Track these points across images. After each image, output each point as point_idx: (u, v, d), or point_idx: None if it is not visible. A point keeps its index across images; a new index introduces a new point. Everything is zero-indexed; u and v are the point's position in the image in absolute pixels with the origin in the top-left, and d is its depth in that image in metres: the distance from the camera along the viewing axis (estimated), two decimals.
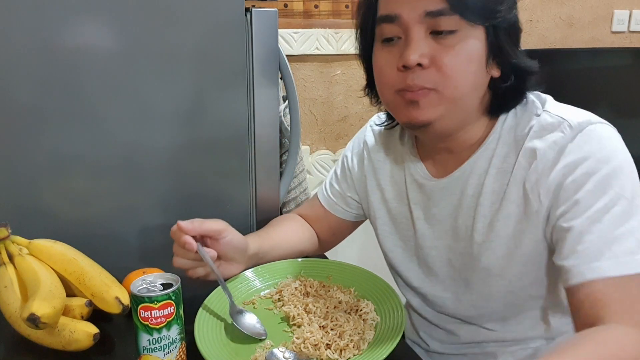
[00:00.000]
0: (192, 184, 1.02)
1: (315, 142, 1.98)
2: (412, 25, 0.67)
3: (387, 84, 0.72)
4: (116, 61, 0.92)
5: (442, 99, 0.69)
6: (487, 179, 0.74)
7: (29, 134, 0.90)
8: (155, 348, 0.63)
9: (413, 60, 0.67)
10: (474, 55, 0.68)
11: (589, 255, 0.62)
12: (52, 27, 0.88)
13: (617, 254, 0.61)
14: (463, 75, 0.68)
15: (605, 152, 0.65)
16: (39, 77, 0.89)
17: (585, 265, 0.62)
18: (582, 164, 0.65)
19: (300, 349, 0.67)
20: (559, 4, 2.22)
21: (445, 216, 0.80)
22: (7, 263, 0.75)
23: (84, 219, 0.97)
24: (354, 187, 0.94)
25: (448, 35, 0.67)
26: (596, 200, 0.63)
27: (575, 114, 0.70)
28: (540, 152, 0.68)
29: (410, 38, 0.68)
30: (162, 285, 0.65)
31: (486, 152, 0.74)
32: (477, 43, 0.68)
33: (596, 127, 0.67)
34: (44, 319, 0.64)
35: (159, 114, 0.97)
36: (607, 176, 0.64)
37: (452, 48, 0.67)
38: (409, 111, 0.70)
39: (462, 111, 0.71)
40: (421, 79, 0.68)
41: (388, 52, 0.71)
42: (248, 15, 0.97)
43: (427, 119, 0.70)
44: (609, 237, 0.62)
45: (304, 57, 1.82)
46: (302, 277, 0.84)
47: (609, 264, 0.61)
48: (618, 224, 0.62)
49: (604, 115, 0.71)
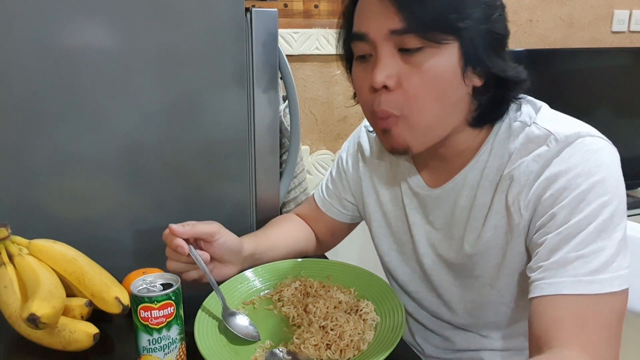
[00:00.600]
0: (192, 184, 1.02)
1: (315, 142, 1.98)
2: (379, 44, 0.65)
3: (364, 102, 0.72)
4: (116, 61, 0.92)
5: (411, 126, 0.67)
6: (478, 191, 0.73)
7: (29, 133, 0.90)
8: (155, 348, 0.63)
9: (379, 81, 0.65)
10: (444, 72, 0.65)
11: (552, 271, 0.61)
12: (52, 27, 0.87)
13: (579, 272, 0.59)
14: (429, 99, 0.66)
15: (588, 165, 0.63)
16: (38, 77, 0.89)
17: (546, 281, 0.61)
18: (562, 178, 0.64)
19: (300, 349, 0.67)
20: (559, 4, 2.22)
21: (440, 225, 0.80)
22: (7, 263, 0.75)
23: (84, 219, 0.97)
24: (349, 188, 0.94)
25: (415, 52, 0.64)
26: (571, 217, 0.62)
27: (564, 126, 0.67)
28: (524, 165, 0.67)
29: (378, 57, 0.66)
30: (162, 285, 0.65)
31: (478, 164, 0.73)
32: (448, 58, 0.64)
33: (584, 140, 0.65)
34: (43, 319, 0.64)
35: (159, 114, 0.97)
36: (585, 192, 0.62)
37: (419, 67, 0.64)
38: (385, 138, 0.71)
39: (440, 130, 0.69)
40: (387, 103, 0.66)
41: (363, 69, 0.70)
42: (248, 15, 0.97)
43: (402, 147, 0.69)
44: (575, 255, 0.60)
45: (304, 57, 1.82)
46: (302, 277, 0.84)
47: (568, 282, 0.59)
48: (588, 242, 0.60)
49: (604, 115, 0.70)
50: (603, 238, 0.61)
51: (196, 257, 0.76)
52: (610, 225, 0.61)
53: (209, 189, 1.03)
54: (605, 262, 0.60)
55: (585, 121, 0.70)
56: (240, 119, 1.00)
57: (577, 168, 0.63)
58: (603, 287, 0.59)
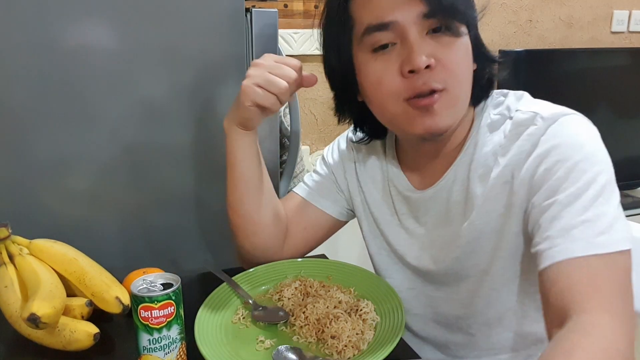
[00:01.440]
0: (193, 183, 1.02)
1: (315, 142, 1.98)
2: (410, 28, 0.67)
3: (393, 93, 0.70)
4: (116, 62, 0.92)
5: (452, 99, 0.69)
6: (470, 184, 0.74)
7: (29, 134, 0.91)
8: (156, 348, 0.63)
9: (421, 61, 0.66)
10: (467, 50, 0.71)
11: (559, 238, 0.61)
12: (52, 26, 0.88)
13: (587, 235, 0.60)
14: (466, 71, 0.70)
15: (577, 139, 0.66)
16: (38, 77, 0.89)
17: (555, 248, 0.61)
18: (553, 152, 0.66)
19: (300, 349, 0.67)
20: (559, 4, 2.22)
21: (433, 225, 0.80)
22: (7, 263, 0.75)
23: (84, 219, 0.97)
24: (336, 184, 0.92)
25: (445, 32, 0.68)
26: (568, 186, 0.63)
27: (548, 107, 0.71)
28: (515, 147, 0.70)
29: (412, 41, 0.67)
30: (162, 285, 0.65)
31: (465, 158, 0.75)
32: (467, 38, 0.70)
33: (568, 117, 0.68)
34: (44, 318, 0.64)
35: (159, 114, 0.97)
36: (579, 162, 0.64)
37: (452, 45, 0.68)
38: (424, 120, 0.69)
39: (464, 109, 0.73)
40: (432, 79, 0.67)
41: (385, 60, 0.69)
42: (248, 15, 0.97)
43: (444, 126, 0.70)
44: (579, 220, 0.61)
45: (304, 57, 1.82)
46: (302, 277, 0.84)
47: (577, 245, 0.60)
48: (589, 207, 0.61)
49: (604, 115, 0.72)
50: (602, 203, 0.62)
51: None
52: (607, 191, 0.63)
53: (209, 189, 1.04)
54: (610, 224, 0.61)
55: None
56: None
57: (568, 141, 0.66)
58: (612, 246, 0.59)
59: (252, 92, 0.74)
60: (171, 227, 1.04)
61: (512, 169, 0.70)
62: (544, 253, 0.62)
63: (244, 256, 0.89)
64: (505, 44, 2.16)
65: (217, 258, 1.07)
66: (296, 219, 0.92)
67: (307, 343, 0.70)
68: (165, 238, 1.04)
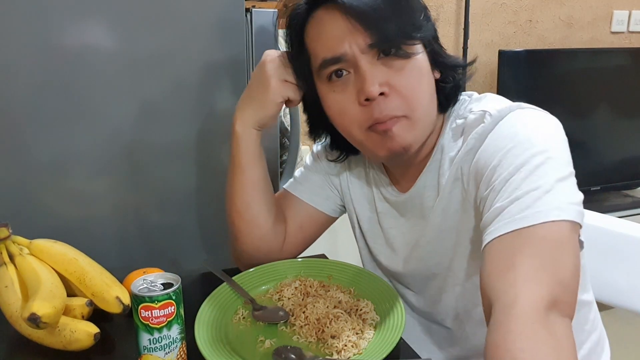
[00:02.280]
0: (192, 184, 1.03)
1: None
2: (359, 58, 0.67)
3: (354, 122, 0.71)
4: (117, 61, 0.92)
5: (412, 123, 0.70)
6: (440, 189, 0.75)
7: (29, 133, 0.91)
8: (156, 347, 0.63)
9: (375, 90, 0.66)
10: (423, 69, 0.70)
11: (490, 221, 0.60)
12: (53, 27, 0.88)
13: (512, 213, 0.58)
14: (422, 94, 0.70)
15: (514, 129, 0.65)
16: (38, 77, 0.89)
17: (486, 231, 0.60)
18: (491, 144, 0.66)
19: (300, 349, 0.67)
20: (559, 4, 2.22)
21: (408, 227, 0.82)
22: (7, 263, 0.75)
23: (84, 219, 0.97)
24: (331, 182, 0.92)
25: (395, 56, 0.68)
26: (501, 172, 0.62)
27: (499, 104, 0.70)
28: (465, 146, 0.71)
29: (363, 70, 0.67)
30: (162, 285, 0.65)
31: (433, 165, 0.76)
32: (421, 56, 0.70)
33: (515, 113, 0.68)
34: (44, 318, 0.65)
35: (159, 114, 0.97)
36: (511, 149, 0.63)
37: (404, 68, 0.68)
38: (385, 143, 0.70)
39: (429, 124, 0.73)
40: (388, 108, 0.68)
41: (342, 90, 0.70)
42: (248, 15, 0.98)
43: (406, 145, 0.70)
44: (509, 200, 0.60)
45: None
46: (302, 277, 0.84)
47: (502, 225, 0.58)
48: (518, 185, 0.60)
49: (604, 115, 0.71)
50: (535, 179, 0.59)
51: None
52: (541, 170, 0.60)
53: (209, 189, 1.04)
54: (538, 197, 0.58)
55: (585, 121, 0.72)
56: None
57: (504, 132, 0.66)
58: (534, 219, 0.56)
59: (283, 88, 0.77)
60: (171, 227, 1.04)
61: (461, 166, 0.71)
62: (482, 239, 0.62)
63: (243, 258, 0.89)
64: (505, 44, 2.17)
65: (217, 258, 1.07)
66: (292, 218, 0.91)
67: (307, 343, 0.70)
68: (165, 238, 1.04)
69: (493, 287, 0.56)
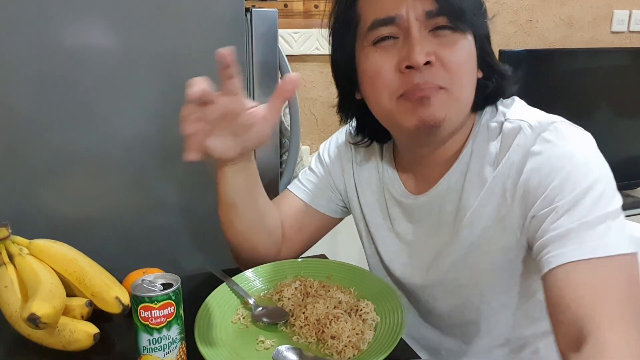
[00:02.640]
0: (193, 184, 1.02)
1: (315, 142, 1.98)
2: (413, 24, 0.66)
3: (388, 88, 0.69)
4: (117, 61, 0.92)
5: (451, 98, 0.68)
6: (463, 194, 0.73)
7: (29, 133, 0.91)
8: (156, 348, 0.63)
9: (421, 58, 0.65)
10: (472, 53, 0.69)
11: (555, 243, 0.61)
12: (53, 27, 0.88)
13: (584, 239, 0.59)
14: (468, 74, 0.69)
15: (568, 147, 0.64)
16: (39, 77, 0.89)
17: (552, 253, 0.61)
18: (546, 164, 0.65)
19: (300, 349, 0.67)
20: (559, 4, 2.22)
21: (423, 232, 0.79)
22: (7, 263, 0.75)
23: (84, 218, 0.97)
24: (333, 183, 0.91)
25: (448, 32, 0.67)
26: (565, 195, 0.62)
27: (537, 115, 0.70)
28: (506, 159, 0.68)
29: (413, 37, 0.66)
30: (162, 285, 0.65)
31: (460, 167, 0.74)
32: (470, 44, 0.69)
33: (557, 125, 0.67)
34: (44, 319, 0.64)
35: (159, 114, 0.97)
36: (571, 172, 0.63)
37: (454, 44, 0.67)
38: (419, 111, 0.67)
39: (464, 112, 0.71)
40: (431, 76, 0.66)
41: (384, 53, 0.69)
42: (248, 15, 0.98)
43: (440, 117, 0.67)
44: (577, 224, 0.60)
45: (304, 57, 1.83)
46: (302, 277, 0.84)
47: (573, 249, 0.59)
48: (585, 212, 0.61)
49: (604, 115, 0.71)
50: (600, 209, 0.61)
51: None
52: (605, 198, 0.62)
53: (209, 189, 1.03)
54: (608, 226, 0.60)
55: (585, 121, 0.71)
56: None
57: (558, 151, 0.64)
58: (610, 249, 0.58)
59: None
60: (171, 227, 1.04)
61: (503, 182, 0.68)
62: (542, 260, 0.62)
63: (241, 260, 0.89)
64: (505, 44, 2.16)
65: (217, 258, 1.07)
66: (291, 221, 0.91)
67: (307, 343, 0.70)
68: (165, 238, 1.04)
69: (584, 316, 0.57)
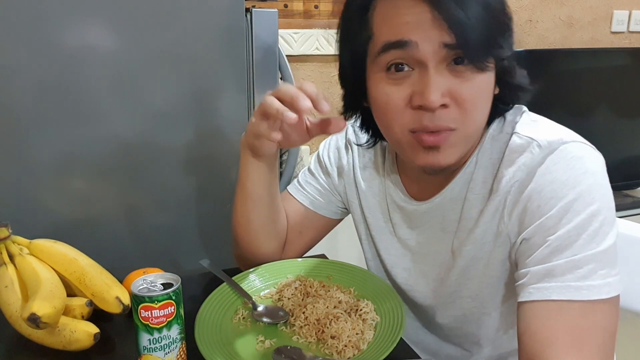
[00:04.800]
0: (192, 184, 1.03)
1: (315, 142, 1.98)
2: (429, 58, 0.61)
3: (397, 121, 0.66)
4: (117, 62, 0.92)
5: (461, 137, 0.65)
6: (466, 204, 0.72)
7: (29, 134, 0.91)
8: (156, 348, 0.63)
9: (436, 101, 0.60)
10: (487, 85, 0.65)
11: (540, 275, 0.61)
12: (53, 27, 0.88)
13: (568, 278, 0.59)
14: (482, 110, 0.65)
15: (573, 173, 0.62)
16: (39, 78, 0.89)
17: (534, 285, 0.60)
18: (548, 187, 0.62)
19: (300, 349, 0.67)
20: (559, 4, 2.22)
21: (426, 239, 0.79)
22: (7, 263, 0.75)
23: (84, 219, 0.97)
24: (332, 186, 0.91)
25: (468, 66, 0.61)
26: (560, 228, 0.61)
27: (547, 132, 0.66)
28: (509, 175, 0.66)
29: (429, 74, 0.61)
30: (162, 285, 0.65)
31: (464, 177, 0.72)
32: (492, 72, 0.64)
33: (567, 147, 0.63)
34: (44, 318, 0.64)
35: (160, 114, 0.97)
36: (572, 201, 0.61)
37: (472, 81, 0.62)
38: (427, 157, 0.65)
39: (475, 140, 0.69)
40: (442, 119, 0.62)
41: (397, 84, 0.64)
42: (248, 15, 0.98)
43: (448, 163, 0.66)
44: (563, 262, 0.60)
45: (304, 57, 1.82)
46: (302, 277, 0.84)
47: (556, 287, 0.59)
48: (577, 252, 0.60)
49: (604, 115, 0.70)
50: (593, 247, 0.60)
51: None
52: (600, 234, 0.60)
53: (209, 189, 1.04)
54: (593, 269, 0.59)
55: (584, 121, 0.70)
56: (241, 118, 1.00)
57: (562, 176, 0.62)
58: (592, 293, 0.58)
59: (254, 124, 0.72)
60: (171, 227, 1.04)
61: (505, 198, 0.67)
62: (523, 287, 0.62)
63: (243, 261, 0.90)
64: None
65: (217, 258, 1.07)
66: (292, 225, 0.91)
67: (307, 343, 0.70)
68: (165, 238, 1.04)
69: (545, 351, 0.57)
